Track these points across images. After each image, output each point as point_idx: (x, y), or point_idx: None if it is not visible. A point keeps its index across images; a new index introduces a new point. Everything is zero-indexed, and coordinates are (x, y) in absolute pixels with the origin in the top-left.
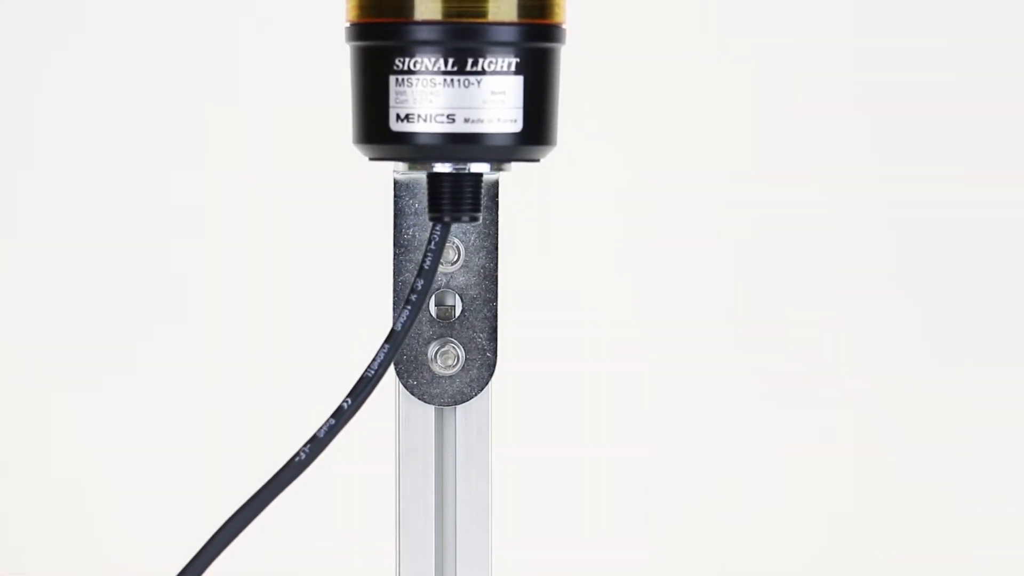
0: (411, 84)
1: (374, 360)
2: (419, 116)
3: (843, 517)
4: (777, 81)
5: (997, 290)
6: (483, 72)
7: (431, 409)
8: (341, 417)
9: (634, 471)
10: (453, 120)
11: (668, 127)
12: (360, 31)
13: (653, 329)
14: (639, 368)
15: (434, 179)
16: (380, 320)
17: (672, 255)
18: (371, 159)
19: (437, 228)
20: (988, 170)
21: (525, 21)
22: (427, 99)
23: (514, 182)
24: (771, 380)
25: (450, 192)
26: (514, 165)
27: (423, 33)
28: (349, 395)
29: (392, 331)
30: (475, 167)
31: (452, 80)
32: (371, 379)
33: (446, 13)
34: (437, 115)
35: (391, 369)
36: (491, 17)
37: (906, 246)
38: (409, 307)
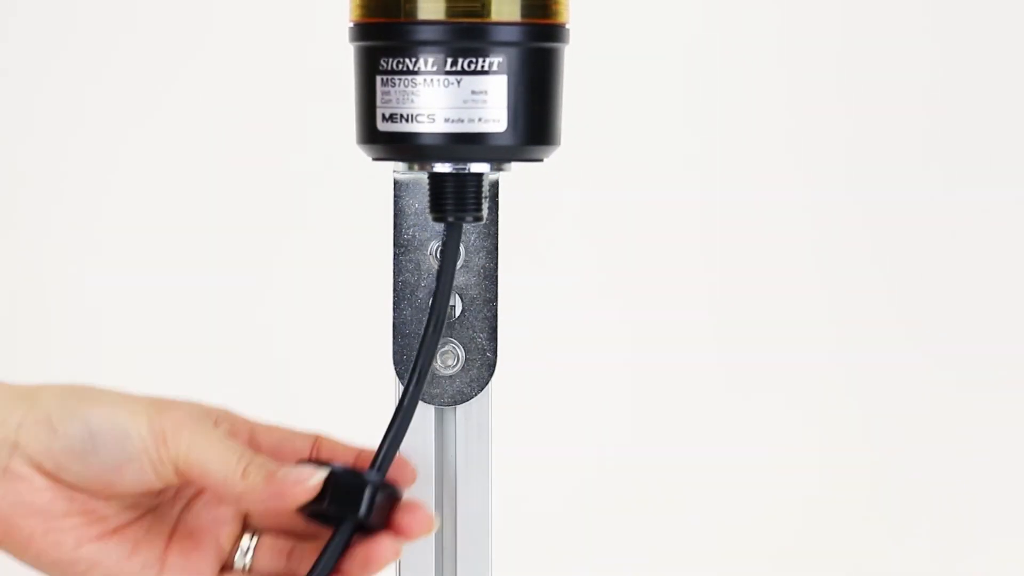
0: (394, 84)
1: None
2: (402, 116)
3: (857, 513)
4: (770, 82)
5: (988, 287)
6: (463, 72)
7: (431, 409)
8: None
9: (634, 471)
10: (434, 120)
11: (667, 128)
12: (353, 32)
13: (654, 329)
14: (639, 368)
15: (432, 179)
16: (380, 319)
17: (672, 255)
18: (372, 159)
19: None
20: (981, 166)
21: (508, 21)
22: (408, 99)
23: (514, 182)
24: (773, 381)
25: (451, 191)
26: (514, 165)
27: (403, 33)
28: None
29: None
30: (474, 167)
31: (431, 80)
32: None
33: (426, 13)
34: (418, 115)
35: (390, 369)
36: (472, 17)
37: (897, 246)
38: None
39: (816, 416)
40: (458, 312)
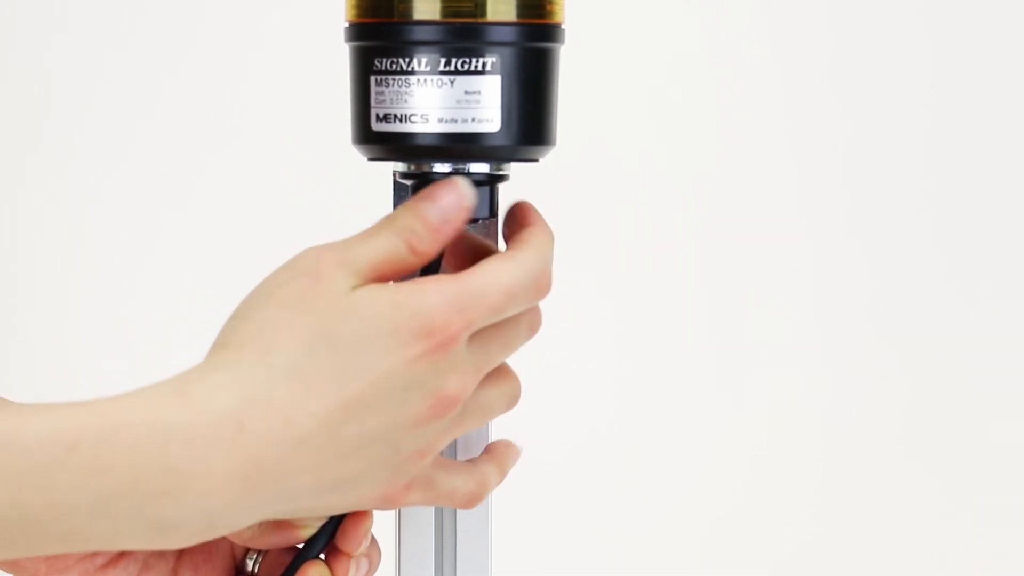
0: (388, 84)
1: None
2: (395, 116)
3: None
4: (765, 82)
5: (986, 287)
6: (456, 72)
7: None
8: None
9: (634, 470)
10: (427, 120)
11: (667, 129)
12: (348, 32)
13: (652, 328)
14: (638, 367)
15: (429, 178)
16: None
17: (670, 254)
18: (368, 159)
19: None
20: (979, 167)
21: (503, 21)
22: (402, 99)
23: (514, 182)
24: (773, 381)
25: None
26: (513, 165)
27: (397, 34)
28: None
29: None
30: (472, 167)
31: (425, 80)
32: None
33: (420, 13)
34: (411, 115)
35: None
36: (466, 18)
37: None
38: None
39: (810, 418)
40: None
